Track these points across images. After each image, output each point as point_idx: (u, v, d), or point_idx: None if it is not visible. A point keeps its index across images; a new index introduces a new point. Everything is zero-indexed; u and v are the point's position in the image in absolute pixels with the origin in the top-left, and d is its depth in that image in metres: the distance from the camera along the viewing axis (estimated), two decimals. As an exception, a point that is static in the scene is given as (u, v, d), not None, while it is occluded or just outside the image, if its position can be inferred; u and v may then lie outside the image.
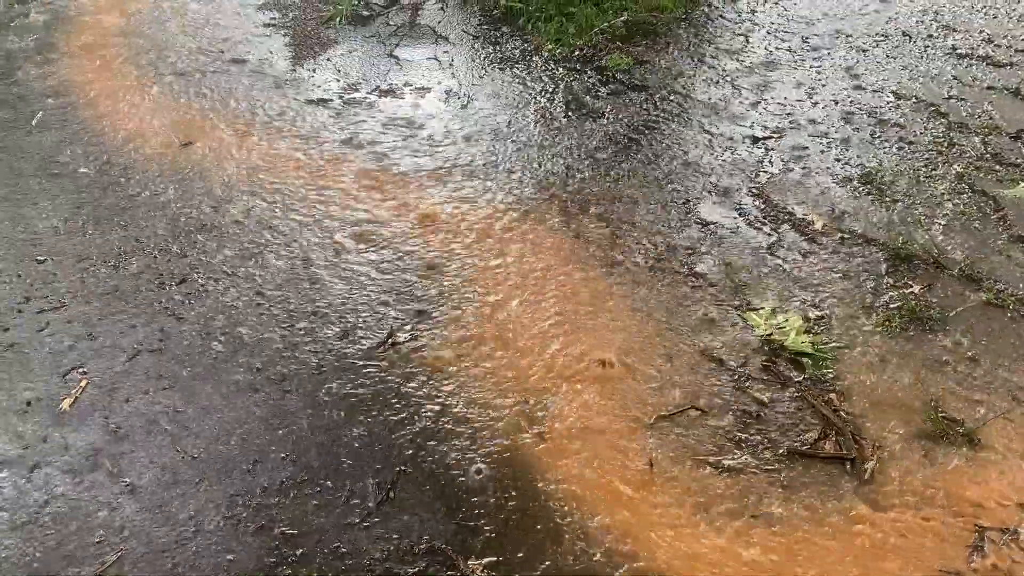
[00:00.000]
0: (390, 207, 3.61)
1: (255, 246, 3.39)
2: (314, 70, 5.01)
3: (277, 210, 3.62)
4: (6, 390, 2.74)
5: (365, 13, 5.64)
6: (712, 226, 3.48)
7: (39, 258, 3.35)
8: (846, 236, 3.38)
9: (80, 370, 2.79)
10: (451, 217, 3.53)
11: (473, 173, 3.84)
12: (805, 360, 2.84)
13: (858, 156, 3.86)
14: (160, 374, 2.79)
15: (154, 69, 5.05)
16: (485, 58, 4.99)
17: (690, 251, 3.33)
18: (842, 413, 2.66)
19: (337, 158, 4.02)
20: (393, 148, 4.08)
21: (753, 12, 5.20)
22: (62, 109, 4.56)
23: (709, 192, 3.68)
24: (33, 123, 4.41)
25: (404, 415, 2.65)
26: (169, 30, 5.65)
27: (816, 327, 2.97)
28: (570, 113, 4.31)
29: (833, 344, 2.90)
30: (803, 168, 3.80)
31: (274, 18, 5.82)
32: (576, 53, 4.89)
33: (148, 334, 2.95)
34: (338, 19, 5.62)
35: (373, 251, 3.34)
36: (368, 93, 4.67)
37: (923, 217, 3.47)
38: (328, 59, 5.14)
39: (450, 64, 4.94)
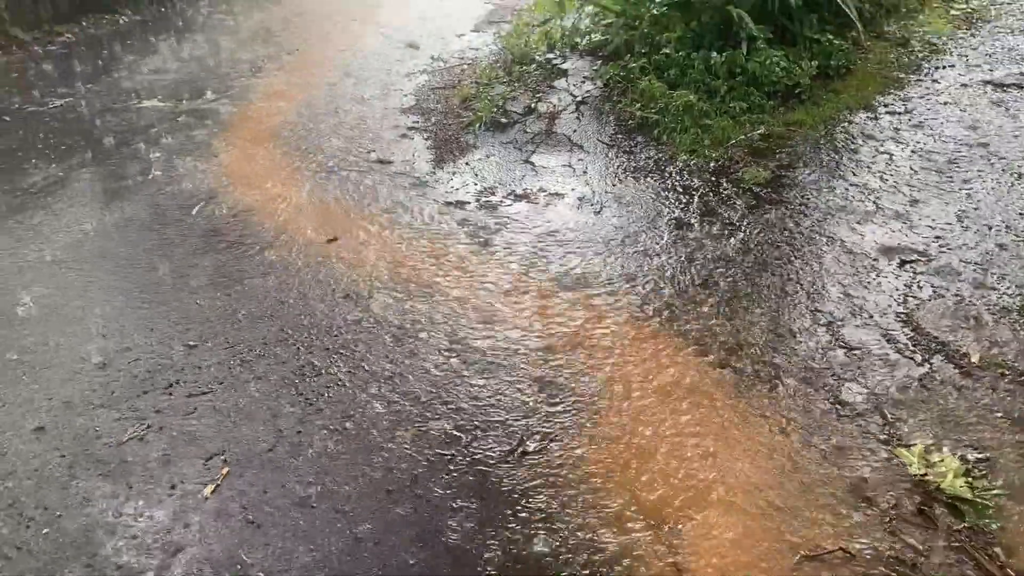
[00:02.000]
0: (522, 311, 3.64)
1: (393, 342, 3.47)
2: (453, 173, 5.20)
3: (415, 308, 3.71)
4: (152, 472, 2.84)
5: (503, 120, 5.85)
6: (857, 351, 3.33)
7: (190, 343, 3.52)
8: (1006, 372, 3.17)
9: (222, 457, 2.88)
10: (580, 325, 3.52)
11: (604, 282, 3.84)
12: (964, 507, 2.63)
13: (1016, 287, 3.65)
14: (296, 467, 2.84)
15: (305, 166, 5.36)
16: (619, 167, 5.06)
17: (834, 377, 3.19)
18: (1010, 573, 2.43)
19: (473, 260, 4.11)
20: (527, 252, 4.15)
21: (897, 131, 5.09)
22: (219, 200, 4.87)
23: (853, 314, 3.54)
24: (193, 212, 4.73)
25: (535, 531, 2.59)
26: (321, 130, 6.01)
27: (976, 470, 2.76)
28: (705, 225, 4.29)
29: (996, 491, 2.68)
30: (955, 295, 3.62)
31: (417, 122, 6.12)
32: (712, 165, 4.90)
33: (287, 425, 3.03)
34: (477, 125, 5.85)
35: (504, 355, 3.36)
36: (504, 197, 4.80)
37: (1094, 356, 3.22)
38: (467, 163, 5.33)
39: (584, 171, 5.03)
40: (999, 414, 2.97)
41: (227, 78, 7.39)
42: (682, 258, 4.00)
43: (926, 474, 2.74)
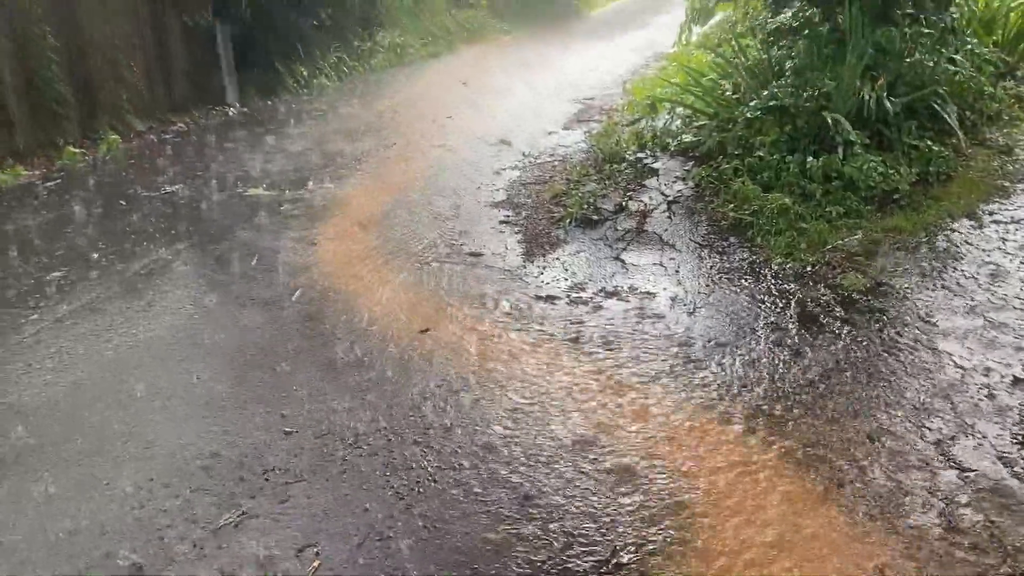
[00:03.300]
0: (616, 412, 3.58)
1: (483, 440, 3.44)
2: (544, 267, 5.25)
3: (505, 405, 3.69)
4: (245, 561, 2.85)
5: (594, 217, 5.91)
6: (971, 474, 3.15)
7: (286, 429, 3.58)
8: None
9: (314, 549, 2.88)
10: (676, 429, 3.44)
11: (700, 386, 3.76)
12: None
13: None
14: (386, 563, 2.81)
15: (400, 256, 5.50)
16: (712, 267, 5.03)
17: (946, 501, 3.02)
18: None
19: (563, 356, 4.09)
20: (617, 350, 4.11)
21: (1003, 240, 4.94)
22: (316, 287, 5.02)
23: (965, 434, 3.36)
24: (292, 298, 4.87)
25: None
26: (416, 221, 6.19)
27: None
28: (803, 332, 4.19)
29: None
30: (1078, 418, 3.41)
31: (508, 216, 6.24)
32: (808, 269, 4.82)
33: (377, 519, 3.01)
34: (568, 221, 5.93)
35: (596, 456, 3.29)
36: (594, 294, 4.80)
37: None
38: (557, 258, 5.39)
39: (676, 271, 5.01)
40: None
41: (328, 169, 7.72)
42: (780, 365, 3.90)
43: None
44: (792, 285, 4.67)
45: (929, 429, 3.40)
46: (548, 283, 5.00)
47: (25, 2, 7.92)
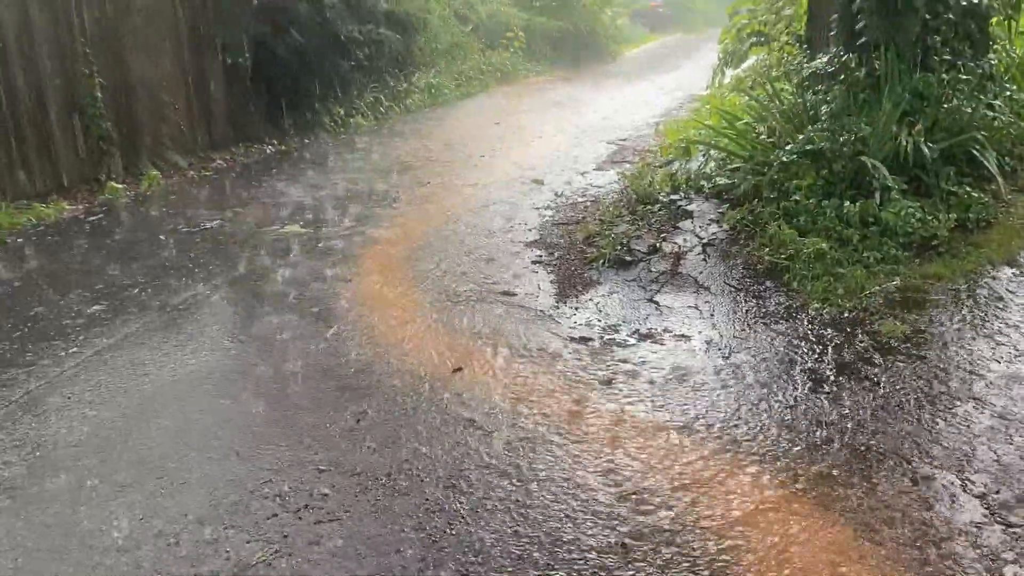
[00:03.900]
0: (648, 458, 3.54)
1: (513, 481, 3.42)
2: (576, 308, 5.24)
3: (536, 447, 3.67)
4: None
5: (627, 258, 5.91)
6: (1017, 529, 3.06)
7: (320, 467, 3.58)
8: None
9: (346, 590, 2.86)
10: (711, 477, 3.39)
11: (734, 432, 3.71)
12: None
13: None
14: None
15: (432, 294, 5.53)
16: (747, 312, 4.99)
17: (991, 558, 2.93)
18: None
19: (596, 398, 4.06)
20: (651, 394, 4.08)
21: (1047, 288, 4.85)
22: (350, 324, 5.05)
23: (1008, 487, 3.28)
24: (327, 335, 4.91)
25: None
26: (449, 259, 6.23)
27: None
28: (842, 378, 4.12)
29: None
30: None
31: (540, 256, 6.26)
32: (845, 315, 4.76)
33: (409, 561, 2.99)
34: (601, 261, 5.93)
35: (627, 503, 3.25)
36: (628, 336, 4.78)
37: None
38: (590, 299, 5.38)
39: (711, 314, 4.98)
40: None
41: (364, 207, 7.82)
42: (819, 412, 3.84)
43: None
44: (830, 331, 4.61)
45: (970, 481, 3.32)
46: (581, 324, 4.99)
47: (74, 41, 8.18)
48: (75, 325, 5.08)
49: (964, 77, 6.26)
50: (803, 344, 4.50)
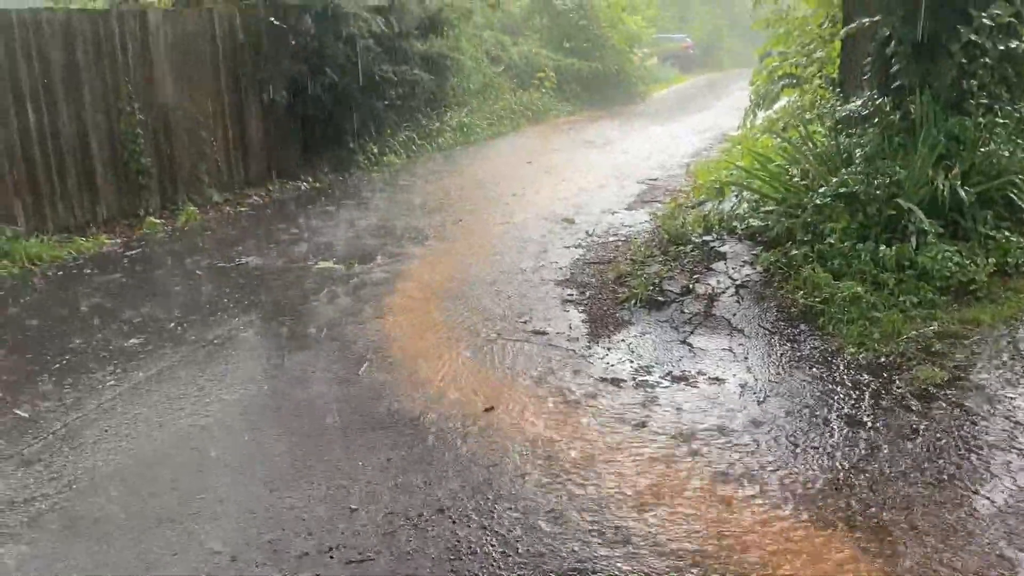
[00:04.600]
0: (682, 503, 3.50)
1: (546, 524, 3.39)
2: (608, 348, 5.22)
3: (568, 489, 3.64)
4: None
5: (659, 299, 5.89)
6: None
7: (351, 506, 3.57)
8: None
9: (377, 633, 2.84)
10: (747, 526, 3.33)
11: (769, 479, 3.65)
12: None
13: None
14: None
15: (464, 331, 5.54)
16: (782, 355, 4.94)
17: (1041, 614, 2.85)
18: None
19: (629, 440, 4.03)
20: (684, 437, 4.03)
21: (1091, 337, 4.76)
22: (383, 360, 5.07)
23: (1056, 541, 3.19)
24: (360, 372, 4.93)
25: None
26: (480, 297, 6.25)
27: None
28: (879, 425, 4.06)
29: None
30: None
31: (572, 295, 6.26)
32: (882, 360, 4.70)
33: (441, 604, 2.97)
34: (633, 302, 5.92)
35: (661, 549, 3.20)
36: (661, 377, 4.76)
37: None
38: (622, 339, 5.36)
39: (745, 357, 4.94)
40: None
41: (396, 244, 7.89)
42: (856, 460, 3.77)
43: None
44: (866, 376, 4.55)
45: (1010, 529, 3.24)
46: (613, 365, 4.97)
47: (118, 79, 8.40)
48: (113, 358, 5.15)
49: (1001, 121, 6.22)
50: (839, 389, 4.44)
